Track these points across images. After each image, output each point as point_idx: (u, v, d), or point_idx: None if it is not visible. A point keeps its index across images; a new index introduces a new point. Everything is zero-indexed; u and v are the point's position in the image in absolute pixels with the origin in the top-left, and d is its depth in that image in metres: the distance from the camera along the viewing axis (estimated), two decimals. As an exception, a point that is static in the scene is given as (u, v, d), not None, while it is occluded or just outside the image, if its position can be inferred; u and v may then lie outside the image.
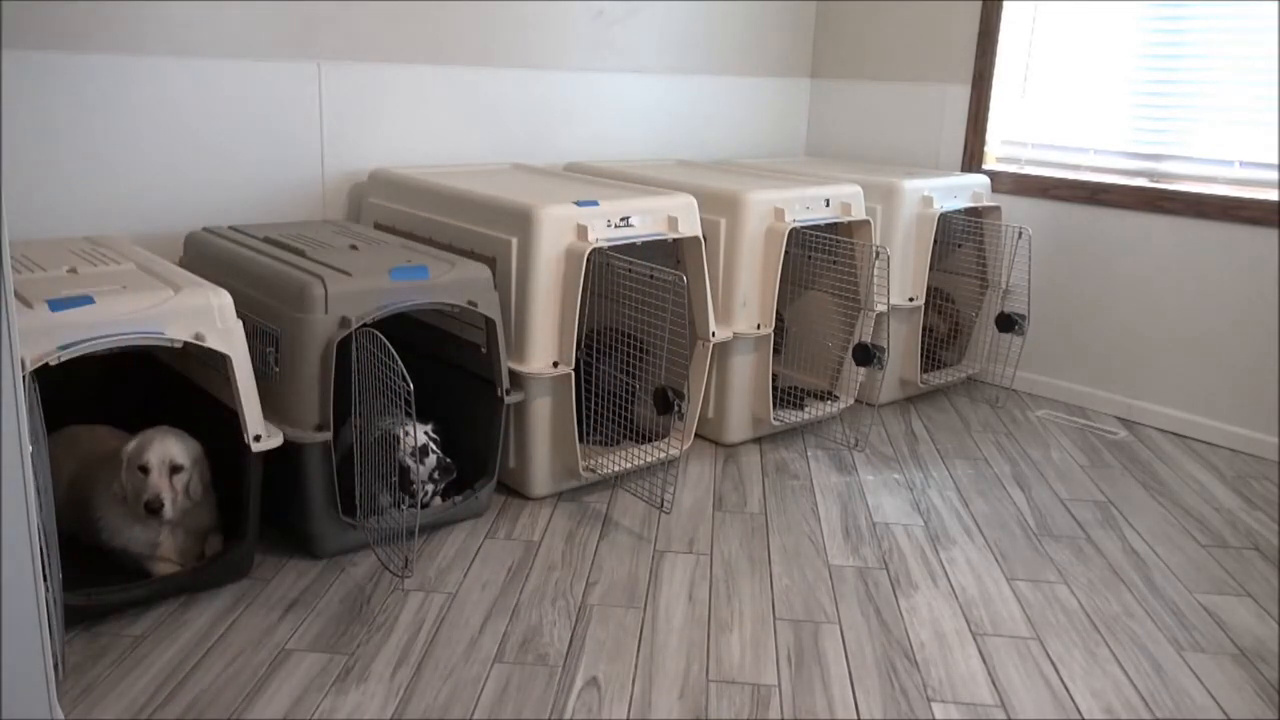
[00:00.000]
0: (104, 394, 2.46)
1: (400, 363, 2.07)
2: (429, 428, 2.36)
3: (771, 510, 2.68)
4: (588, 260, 2.51)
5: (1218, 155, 3.31)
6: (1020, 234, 3.51)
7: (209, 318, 1.99)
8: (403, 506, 2.20)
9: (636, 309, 2.52)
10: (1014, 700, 1.91)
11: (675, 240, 2.75)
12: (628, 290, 2.55)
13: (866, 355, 3.05)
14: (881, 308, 3.30)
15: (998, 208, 3.59)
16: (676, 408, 2.47)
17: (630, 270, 2.54)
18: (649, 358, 2.50)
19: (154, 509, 2.06)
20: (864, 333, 3.18)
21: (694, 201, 2.80)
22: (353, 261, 2.35)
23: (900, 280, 3.37)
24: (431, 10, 3.13)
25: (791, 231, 2.96)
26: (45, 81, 2.48)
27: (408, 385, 2.05)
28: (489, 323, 2.41)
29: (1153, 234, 3.40)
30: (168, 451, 2.09)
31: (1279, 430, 3.18)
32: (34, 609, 1.55)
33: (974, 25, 3.74)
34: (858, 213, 3.15)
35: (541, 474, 2.63)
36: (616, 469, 2.66)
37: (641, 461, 2.71)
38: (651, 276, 2.48)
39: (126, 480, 2.09)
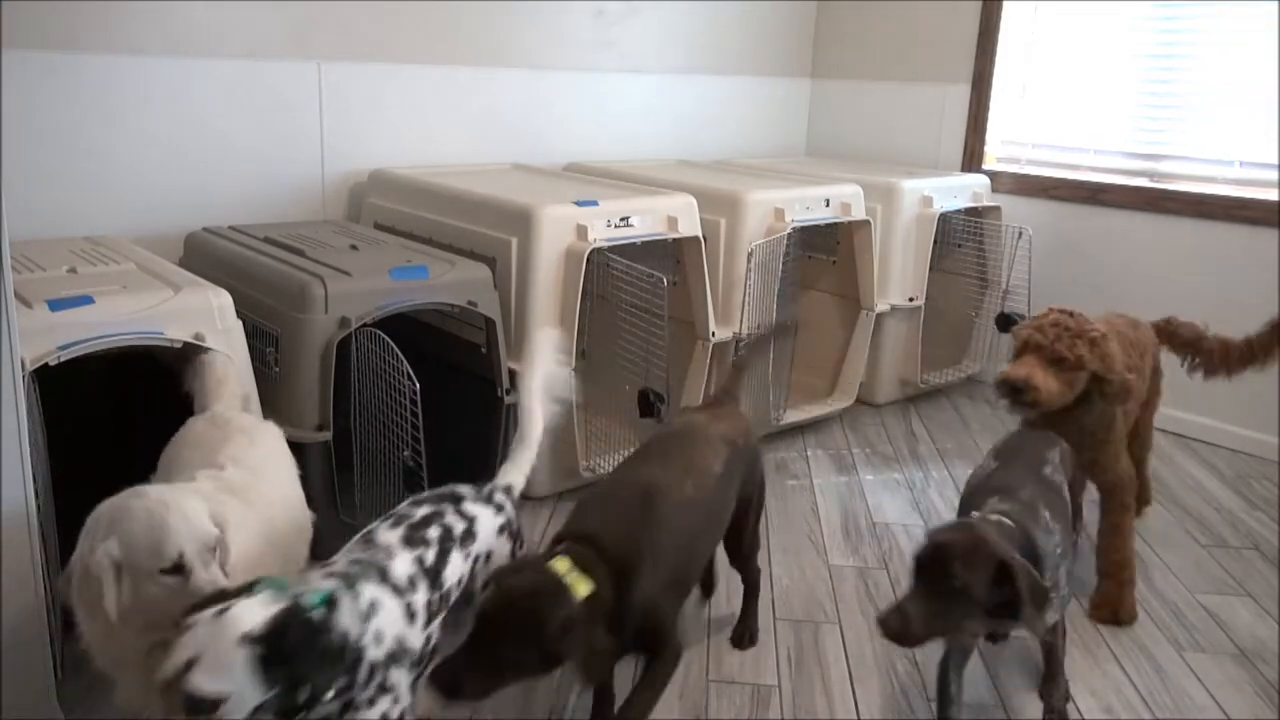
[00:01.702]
0: (104, 394, 2.46)
1: (404, 361, 2.07)
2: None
3: (771, 510, 2.68)
4: (587, 260, 2.51)
5: (1218, 155, 3.31)
6: (1020, 234, 3.51)
7: (209, 318, 1.99)
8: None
9: (627, 309, 2.52)
10: (1014, 700, 1.91)
11: (675, 240, 2.75)
12: (616, 290, 2.55)
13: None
14: (884, 308, 3.30)
15: (998, 208, 3.59)
16: (657, 410, 2.46)
17: (609, 267, 2.53)
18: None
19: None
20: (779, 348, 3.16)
21: (694, 201, 2.80)
22: (353, 261, 2.35)
23: (900, 280, 3.37)
24: (431, 10, 3.12)
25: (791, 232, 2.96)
26: (45, 81, 2.48)
27: (413, 384, 2.06)
28: (489, 323, 2.41)
29: (1153, 234, 3.39)
30: (198, 526, 1.39)
31: (1279, 430, 3.18)
32: (35, 609, 1.55)
33: (974, 25, 3.74)
34: (858, 213, 3.15)
35: (541, 474, 2.62)
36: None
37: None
38: (629, 273, 2.47)
39: (128, 592, 1.37)
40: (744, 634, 2.06)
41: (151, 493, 1.41)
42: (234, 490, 1.55)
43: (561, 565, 1.45)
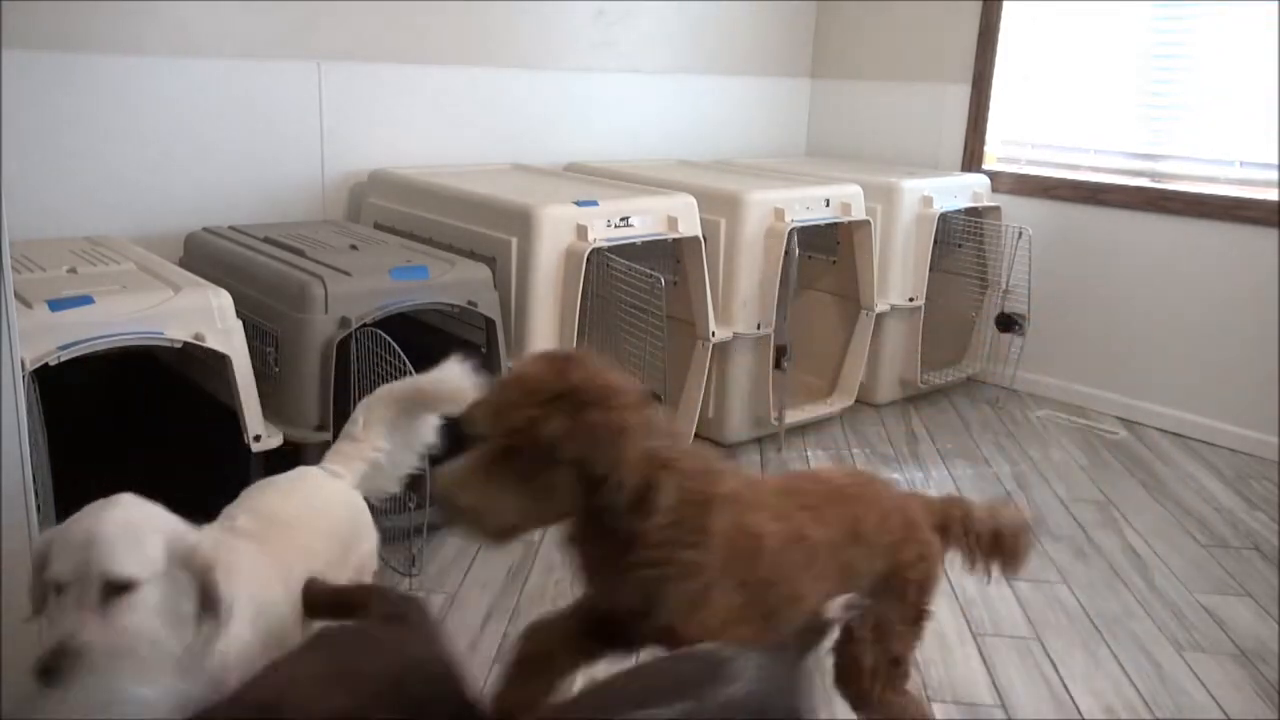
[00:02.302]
0: (104, 394, 2.46)
1: (407, 362, 2.07)
2: None
3: (771, 510, 2.67)
4: (587, 260, 2.51)
5: (1218, 155, 3.31)
6: (1020, 234, 3.51)
7: (209, 318, 1.99)
8: (410, 506, 2.20)
9: (625, 309, 2.52)
10: (1014, 700, 1.91)
11: (675, 240, 2.75)
12: (616, 290, 2.55)
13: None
14: (884, 308, 3.29)
15: (998, 208, 3.59)
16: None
17: (609, 266, 2.53)
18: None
19: (48, 668, 1.10)
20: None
21: (694, 201, 2.80)
22: (353, 261, 2.35)
23: (900, 280, 3.37)
24: (431, 10, 3.12)
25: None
26: (45, 81, 2.48)
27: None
28: (489, 323, 2.41)
29: (1153, 234, 3.39)
30: (98, 552, 1.15)
31: (1279, 430, 3.18)
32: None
33: (974, 25, 3.74)
34: (858, 213, 3.14)
35: (541, 474, 2.62)
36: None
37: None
38: (629, 273, 2.47)
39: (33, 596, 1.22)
40: None
41: (118, 505, 1.22)
42: (247, 536, 1.42)
43: None
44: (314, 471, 1.67)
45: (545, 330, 2.53)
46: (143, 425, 2.49)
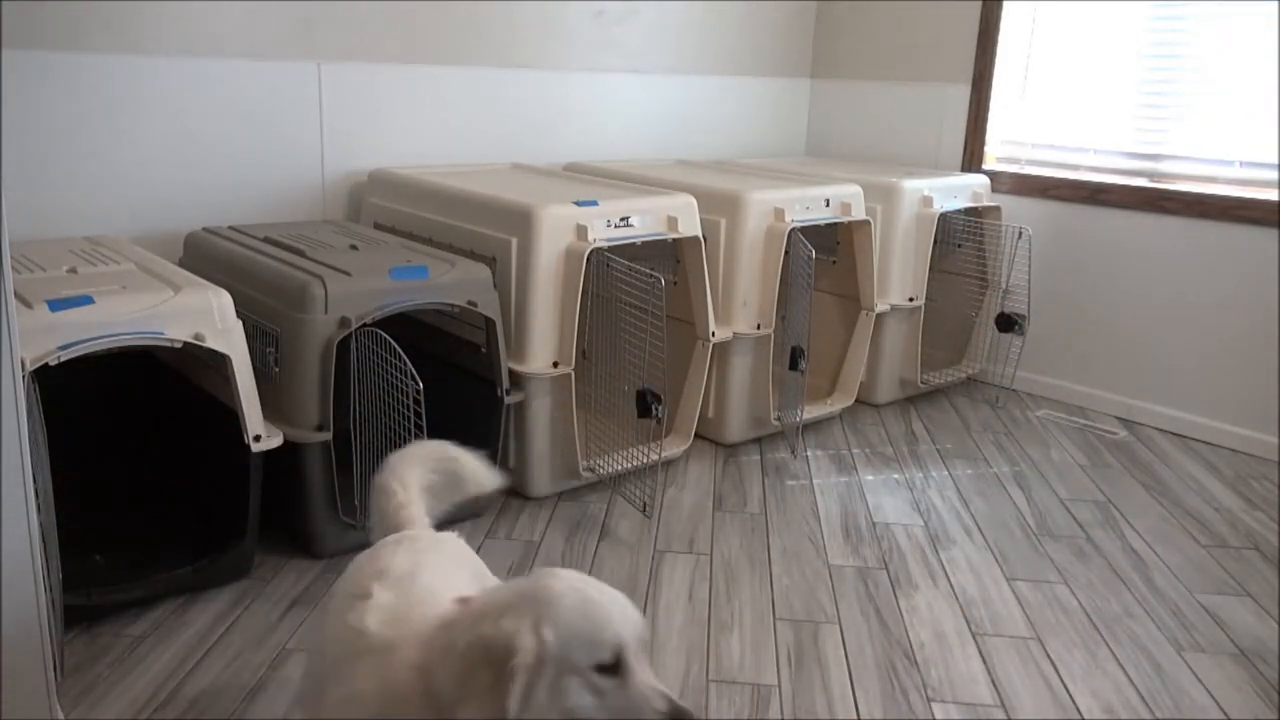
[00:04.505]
0: (104, 394, 2.46)
1: (408, 362, 2.07)
2: None
3: (771, 510, 2.68)
4: (587, 260, 2.51)
5: (1218, 155, 3.31)
6: (1020, 234, 3.51)
7: (209, 318, 1.99)
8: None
9: (626, 308, 2.52)
10: (1014, 700, 1.91)
11: (675, 240, 2.75)
12: (616, 290, 2.55)
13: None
14: (884, 308, 3.29)
15: (998, 208, 3.59)
16: (655, 411, 2.46)
17: (609, 266, 2.53)
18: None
19: None
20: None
21: (694, 201, 2.80)
22: (353, 261, 2.35)
23: (900, 280, 3.37)
24: (432, 10, 3.12)
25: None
26: (45, 81, 2.48)
27: (416, 384, 2.05)
28: (489, 323, 2.41)
29: (1153, 234, 3.39)
30: (635, 614, 1.21)
31: (1279, 430, 3.18)
32: (34, 609, 1.55)
33: (974, 25, 3.74)
34: (858, 213, 3.15)
35: (541, 474, 2.63)
36: (616, 469, 2.66)
37: (640, 462, 2.71)
38: (629, 273, 2.47)
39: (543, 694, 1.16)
40: None
41: (572, 577, 1.22)
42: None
43: None
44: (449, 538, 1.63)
45: (545, 330, 2.54)
46: (143, 425, 2.49)
